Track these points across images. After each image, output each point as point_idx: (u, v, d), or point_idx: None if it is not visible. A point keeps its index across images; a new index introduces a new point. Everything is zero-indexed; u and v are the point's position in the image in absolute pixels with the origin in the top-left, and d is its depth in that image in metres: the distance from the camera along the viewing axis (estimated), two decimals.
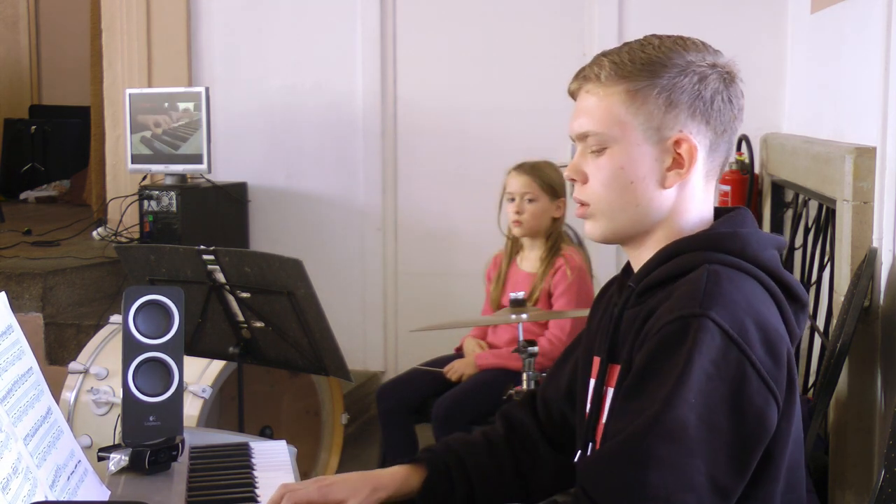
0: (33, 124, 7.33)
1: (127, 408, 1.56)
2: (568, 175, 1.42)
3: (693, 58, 1.36)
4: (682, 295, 1.27)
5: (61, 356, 3.94)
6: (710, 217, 1.41)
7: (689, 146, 1.35)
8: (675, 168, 1.36)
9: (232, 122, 4.58)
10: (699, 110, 1.35)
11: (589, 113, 1.38)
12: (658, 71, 1.34)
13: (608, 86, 1.36)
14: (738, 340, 1.23)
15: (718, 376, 1.21)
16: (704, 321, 1.22)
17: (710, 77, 1.36)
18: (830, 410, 2.69)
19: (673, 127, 1.35)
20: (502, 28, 4.34)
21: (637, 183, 1.36)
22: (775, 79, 4.04)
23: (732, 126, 1.40)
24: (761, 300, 1.29)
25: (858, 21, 2.85)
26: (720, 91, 1.37)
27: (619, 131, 1.36)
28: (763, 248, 1.35)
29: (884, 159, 2.51)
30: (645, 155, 1.35)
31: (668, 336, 1.24)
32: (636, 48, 1.37)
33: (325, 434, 3.49)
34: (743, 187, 3.91)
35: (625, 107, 1.35)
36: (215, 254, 2.63)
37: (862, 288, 2.48)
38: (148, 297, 1.57)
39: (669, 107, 1.34)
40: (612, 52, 1.39)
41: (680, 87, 1.34)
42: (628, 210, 1.37)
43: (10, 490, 1.19)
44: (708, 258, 1.31)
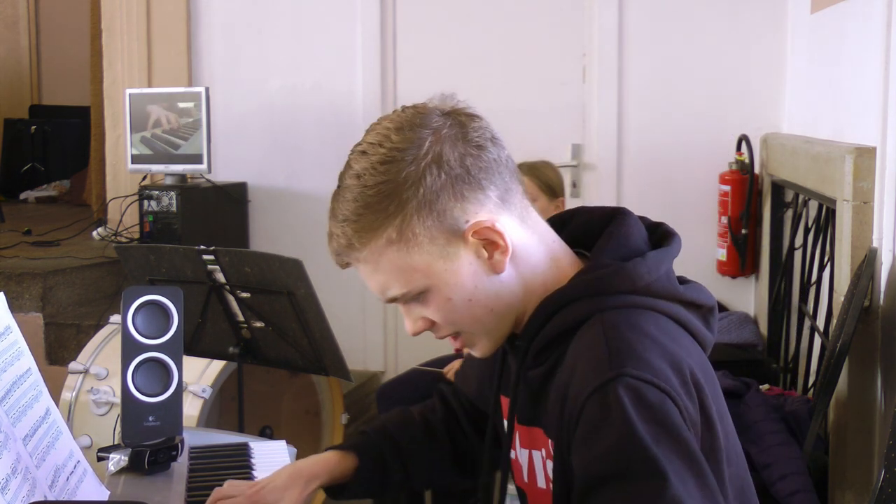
0: (33, 124, 7.33)
1: (126, 408, 1.56)
2: (414, 331, 1.29)
3: (414, 151, 1.18)
4: (587, 363, 1.14)
5: (61, 356, 3.94)
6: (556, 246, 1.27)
7: (486, 228, 1.20)
8: (493, 251, 1.21)
9: (232, 122, 4.58)
10: (464, 189, 1.19)
11: (377, 280, 1.24)
12: (398, 194, 1.17)
13: (369, 247, 1.20)
14: (665, 388, 1.10)
15: (664, 434, 1.08)
16: (623, 381, 1.09)
17: (443, 151, 1.18)
18: (830, 410, 2.69)
19: (458, 225, 1.19)
20: (502, 28, 4.34)
21: (474, 295, 1.22)
22: (775, 79, 4.05)
23: (500, 159, 1.22)
24: (665, 332, 1.18)
25: (858, 21, 2.85)
26: (464, 153, 1.19)
27: (420, 276, 1.21)
28: (655, 272, 1.22)
29: (884, 159, 2.51)
30: (460, 269, 1.21)
31: (593, 416, 1.10)
32: (356, 190, 1.19)
33: (325, 434, 3.49)
34: (743, 187, 3.91)
35: (403, 253, 1.20)
36: (215, 254, 2.63)
37: (862, 288, 2.48)
38: (147, 297, 1.57)
39: (440, 216, 1.18)
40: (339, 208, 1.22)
41: (429, 190, 1.17)
42: (488, 318, 1.24)
43: (9, 490, 1.19)
44: (598, 305, 1.19)
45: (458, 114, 1.23)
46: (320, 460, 1.50)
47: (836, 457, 2.67)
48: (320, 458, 1.51)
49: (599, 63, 4.22)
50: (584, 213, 1.34)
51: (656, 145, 4.21)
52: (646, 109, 4.21)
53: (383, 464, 1.51)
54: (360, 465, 1.50)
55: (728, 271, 4.08)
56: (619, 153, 4.24)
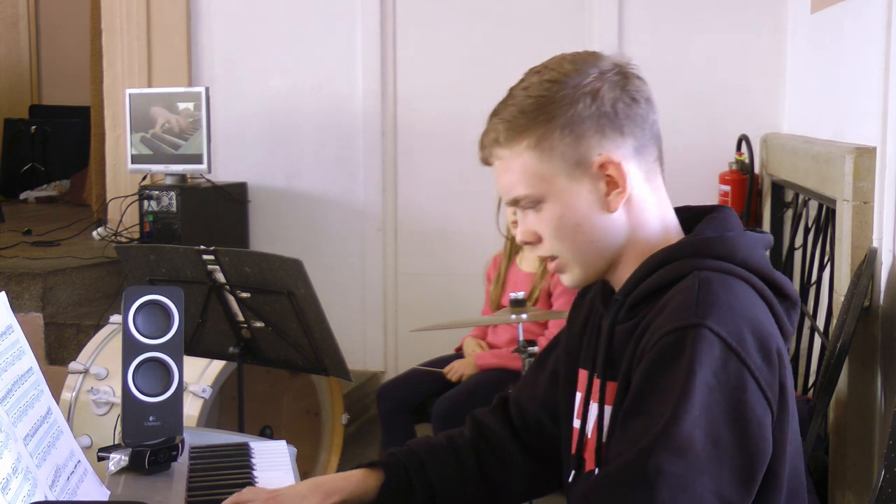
0: (33, 124, 7.34)
1: (127, 408, 1.56)
2: (522, 240, 1.39)
3: (578, 79, 1.32)
4: (676, 306, 1.24)
5: (61, 356, 3.94)
6: (670, 217, 1.38)
7: (614, 165, 1.32)
8: (612, 190, 1.33)
9: (232, 122, 4.58)
10: (607, 126, 1.32)
11: (508, 178, 1.37)
12: (550, 110, 1.32)
13: (511, 145, 1.35)
14: (737, 349, 1.20)
15: (719, 388, 1.18)
16: (702, 331, 1.19)
17: (601, 90, 1.32)
18: (830, 410, 2.69)
19: (590, 155, 1.32)
20: (502, 28, 4.34)
21: (583, 222, 1.33)
22: (775, 79, 4.05)
23: (648, 118, 1.36)
24: (754, 304, 1.27)
25: (858, 21, 2.85)
26: (618, 97, 1.33)
27: (544, 184, 1.33)
28: (752, 249, 1.32)
29: (884, 159, 2.51)
30: (577, 194, 1.33)
31: (666, 349, 1.21)
32: (521, 95, 1.35)
33: (325, 434, 3.49)
34: (743, 187, 3.91)
35: (536, 160, 1.33)
36: (215, 254, 2.63)
37: (862, 288, 2.48)
38: (148, 297, 1.57)
39: (577, 139, 1.31)
40: (501, 108, 1.37)
41: (578, 115, 1.31)
42: (588, 250, 1.35)
43: (9, 490, 1.19)
44: (697, 265, 1.28)
45: (626, 69, 1.36)
46: (345, 476, 1.50)
47: (836, 457, 2.67)
48: (345, 474, 1.50)
49: None
50: (688, 208, 1.44)
51: None
52: None
53: (408, 483, 1.50)
54: (384, 483, 1.49)
55: None
56: None
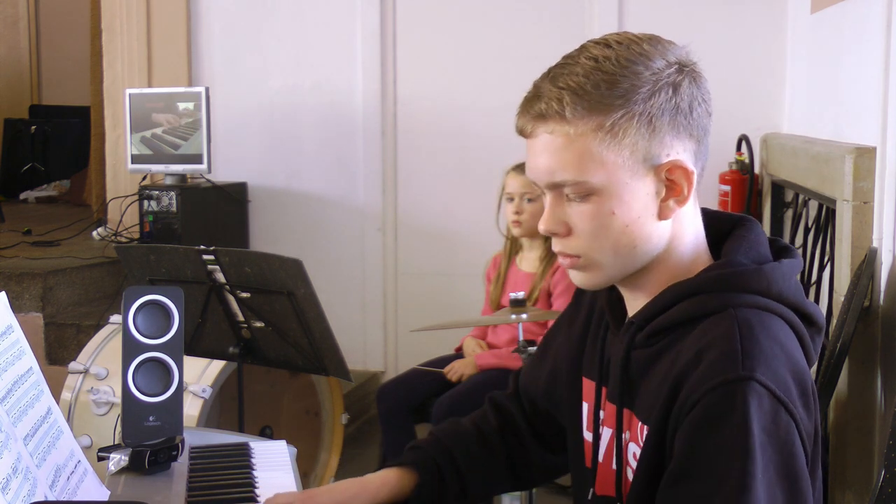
0: (33, 124, 7.34)
1: (127, 408, 1.56)
2: (547, 229, 1.23)
3: (658, 64, 1.18)
4: (718, 356, 1.13)
5: (61, 356, 3.94)
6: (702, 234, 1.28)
7: (683, 171, 1.20)
8: (671, 197, 1.21)
9: (232, 122, 4.58)
10: (681, 125, 1.19)
11: (559, 158, 1.18)
12: (630, 94, 1.16)
13: (576, 123, 1.17)
14: (784, 400, 1.12)
15: (770, 444, 1.11)
16: (752, 385, 1.10)
17: (682, 84, 1.19)
18: (830, 410, 2.69)
19: (660, 153, 1.18)
20: (502, 28, 4.34)
21: (632, 225, 1.20)
22: (775, 79, 4.05)
23: (709, 127, 1.24)
24: (790, 341, 1.19)
25: (858, 21, 2.85)
26: (695, 96, 1.21)
27: (604, 175, 1.17)
28: (786, 281, 1.22)
29: (884, 159, 2.51)
30: (637, 192, 1.19)
31: (715, 406, 1.11)
32: (591, 68, 1.17)
33: (325, 434, 3.49)
34: (743, 187, 3.91)
35: (604, 145, 1.17)
36: (215, 254, 2.63)
37: (862, 288, 2.48)
38: (148, 297, 1.57)
39: (653, 132, 1.17)
40: (562, 76, 1.19)
41: (658, 107, 1.17)
42: (626, 254, 1.22)
43: (9, 490, 1.19)
44: (731, 301, 1.18)
45: (694, 66, 1.24)
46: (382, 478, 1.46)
47: (836, 457, 2.67)
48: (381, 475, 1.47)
49: None
50: (709, 215, 1.33)
51: None
52: None
53: (441, 478, 1.48)
54: (420, 482, 1.46)
55: None
56: None
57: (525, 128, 1.23)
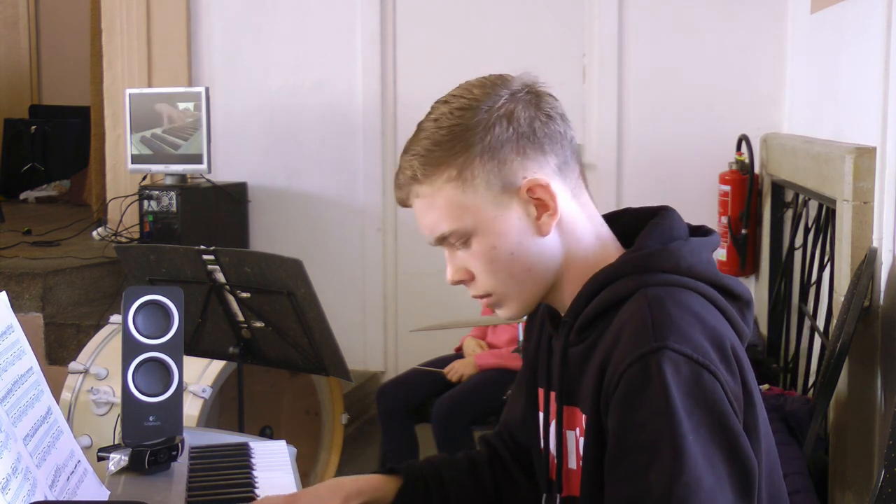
0: (33, 124, 7.33)
1: (127, 408, 1.56)
2: (453, 279, 1.33)
3: (490, 102, 1.27)
4: (632, 332, 1.19)
5: (61, 356, 3.94)
6: (604, 230, 1.34)
7: (541, 187, 1.27)
8: (542, 213, 1.27)
9: (232, 122, 4.58)
10: (527, 147, 1.27)
11: (432, 216, 1.29)
12: (467, 138, 1.26)
13: (430, 181, 1.28)
14: (704, 363, 1.16)
15: (698, 407, 1.14)
16: (665, 353, 1.15)
17: (515, 110, 1.27)
18: (830, 410, 2.70)
19: (515, 179, 1.26)
20: (502, 28, 4.34)
21: (516, 251, 1.28)
22: (775, 79, 4.05)
23: (566, 135, 1.31)
24: (706, 311, 1.23)
25: (858, 21, 2.85)
26: (534, 116, 1.28)
27: (470, 216, 1.27)
28: (696, 256, 1.28)
29: (884, 159, 2.51)
30: (508, 221, 1.27)
31: (634, 381, 1.16)
32: (432, 128, 1.29)
33: (325, 434, 3.49)
34: (743, 187, 3.91)
35: (460, 191, 1.26)
36: (215, 254, 2.63)
37: (862, 288, 2.48)
38: (148, 297, 1.57)
39: (500, 164, 1.26)
40: (412, 144, 1.32)
41: (496, 140, 1.26)
42: (525, 278, 1.30)
43: (9, 490, 1.19)
44: (642, 281, 1.24)
45: (536, 87, 1.32)
46: (367, 480, 1.48)
47: (836, 457, 2.67)
48: (366, 477, 1.49)
49: (599, 63, 4.22)
50: (630, 212, 1.40)
51: (656, 145, 4.21)
52: (646, 109, 4.21)
53: (426, 490, 1.49)
54: (403, 486, 1.48)
55: (728, 271, 4.07)
56: (619, 153, 4.24)
57: (400, 199, 1.34)
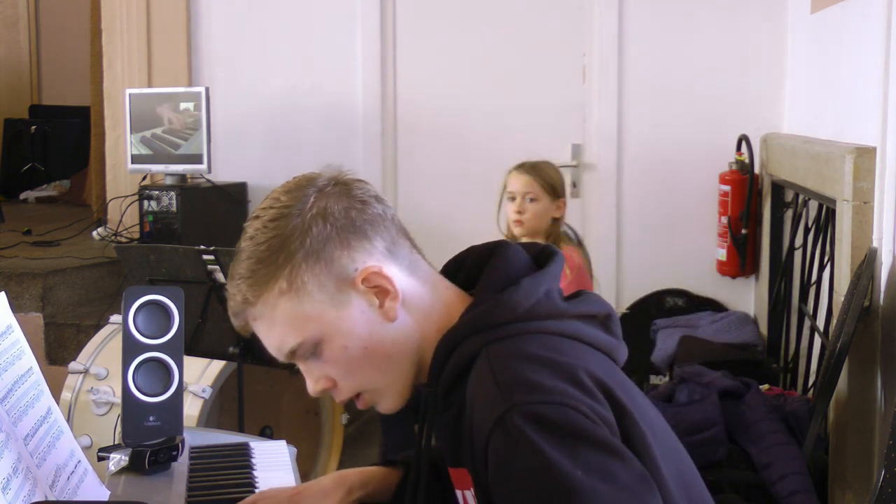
0: (33, 124, 7.33)
1: (127, 408, 1.56)
2: (315, 391, 1.27)
3: (300, 206, 1.23)
4: (482, 400, 1.14)
5: (61, 356, 3.94)
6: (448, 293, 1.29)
7: (375, 273, 1.22)
8: (384, 299, 1.23)
9: (232, 122, 4.58)
10: (350, 237, 1.23)
11: (275, 335, 1.24)
12: (287, 246, 1.22)
13: (263, 300, 1.23)
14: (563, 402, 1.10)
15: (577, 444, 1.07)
16: (517, 411, 1.09)
17: (327, 206, 1.23)
18: (830, 410, 2.70)
19: (347, 273, 1.22)
20: (502, 28, 4.34)
21: (370, 344, 1.23)
22: (775, 79, 4.05)
23: (386, 215, 1.27)
24: (553, 349, 1.18)
25: (858, 21, 2.85)
26: (348, 206, 1.24)
27: (313, 324, 1.22)
28: (534, 296, 1.23)
29: (884, 159, 2.51)
30: (351, 317, 1.23)
31: (499, 450, 1.10)
32: (250, 248, 1.24)
33: (325, 434, 3.49)
34: (743, 187, 3.91)
35: (295, 301, 1.22)
36: (215, 254, 2.63)
37: (862, 288, 2.48)
38: (148, 297, 1.57)
39: (328, 262, 1.22)
40: (234, 269, 1.27)
41: (316, 240, 1.21)
42: (388, 369, 1.25)
43: (10, 490, 1.19)
44: (483, 340, 1.20)
45: (342, 177, 1.28)
46: (369, 471, 1.48)
47: (836, 457, 2.67)
48: (368, 469, 1.49)
49: (599, 63, 4.22)
50: (473, 253, 1.35)
51: (656, 145, 4.21)
52: (646, 109, 4.21)
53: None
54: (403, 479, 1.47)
55: (728, 271, 4.08)
56: (619, 153, 4.24)
57: (240, 327, 1.28)
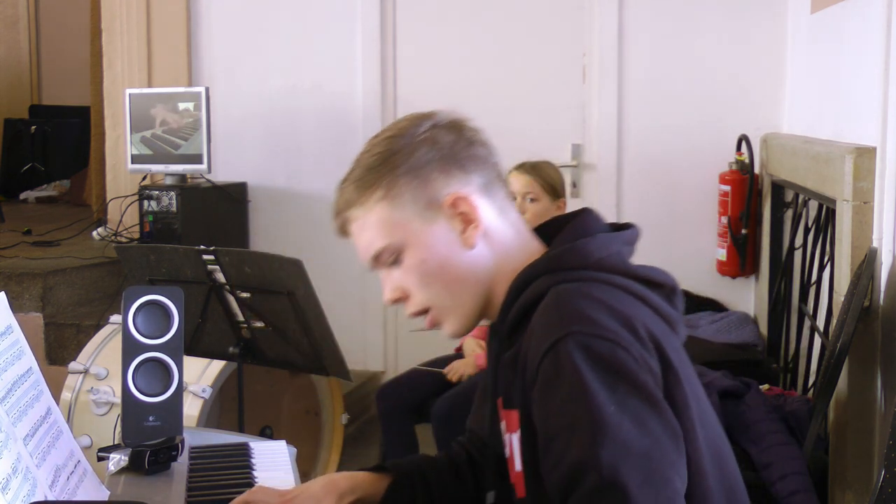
0: (33, 124, 7.33)
1: (127, 408, 1.56)
2: (389, 298, 1.39)
3: (414, 131, 1.38)
4: (541, 327, 1.25)
5: (61, 356, 3.94)
6: (533, 244, 1.40)
7: (464, 200, 1.35)
8: (467, 226, 1.35)
9: (232, 122, 4.58)
10: (450, 166, 1.37)
11: (365, 237, 1.38)
12: (393, 161, 1.36)
13: (362, 203, 1.37)
14: (614, 339, 1.20)
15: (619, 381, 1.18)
16: (572, 338, 1.20)
17: (438, 135, 1.38)
18: (830, 410, 2.70)
19: (439, 195, 1.35)
20: (502, 28, 4.34)
21: (446, 263, 1.36)
22: (775, 79, 4.05)
23: (489, 160, 1.41)
24: (617, 300, 1.27)
25: (858, 21, 2.85)
26: (455, 140, 1.38)
27: (400, 232, 1.36)
28: (605, 249, 1.33)
29: (884, 159, 2.51)
30: (434, 234, 1.36)
31: (547, 371, 1.21)
32: (364, 157, 1.40)
33: (325, 434, 3.49)
34: (743, 187, 3.91)
35: (388, 209, 1.36)
36: (215, 254, 2.63)
37: (862, 288, 2.48)
38: (148, 297, 1.57)
39: (424, 182, 1.35)
40: (346, 176, 1.41)
41: (419, 160, 1.36)
42: (459, 290, 1.37)
43: (9, 490, 1.19)
44: (554, 280, 1.30)
45: (458, 118, 1.42)
46: (357, 476, 1.50)
47: (836, 457, 2.67)
48: (358, 474, 1.50)
49: (599, 63, 4.22)
50: (557, 220, 1.46)
51: (656, 145, 4.21)
52: (646, 109, 4.21)
53: (412, 489, 1.51)
54: (391, 485, 1.49)
55: (728, 271, 4.08)
56: (619, 153, 4.24)
57: (338, 227, 1.42)
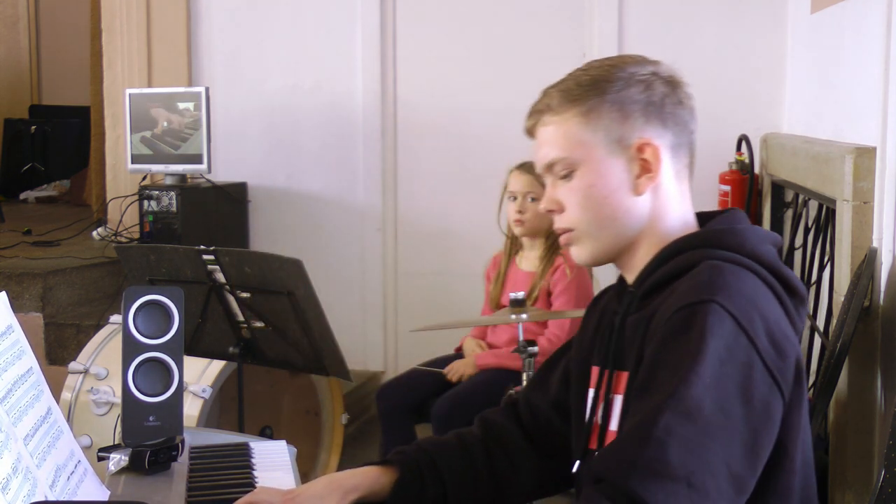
0: (33, 124, 7.33)
1: (127, 408, 1.56)
2: (545, 207, 1.44)
3: (634, 69, 1.40)
4: (686, 288, 1.27)
5: (61, 356, 3.94)
6: (691, 218, 1.43)
7: (652, 149, 1.38)
8: (643, 174, 1.38)
9: (232, 122, 4.58)
10: (653, 114, 1.39)
11: (549, 142, 1.42)
12: (604, 87, 1.39)
13: (561, 112, 1.40)
14: (746, 328, 1.23)
15: (730, 361, 1.21)
16: (713, 306, 1.23)
17: (654, 83, 1.40)
18: (830, 410, 2.69)
19: (632, 135, 1.38)
20: (502, 28, 4.34)
21: (610, 196, 1.38)
22: (775, 79, 4.05)
23: (689, 126, 1.43)
24: (763, 296, 1.29)
25: (858, 21, 2.85)
26: (668, 94, 1.40)
27: (583, 151, 1.39)
28: (760, 243, 1.36)
29: (884, 159, 2.51)
30: (612, 167, 1.38)
31: (676, 325, 1.24)
32: (579, 73, 1.43)
33: (325, 434, 3.49)
34: (743, 187, 3.91)
35: (582, 127, 1.39)
36: (215, 254, 2.63)
37: (862, 288, 2.48)
38: (148, 297, 1.57)
39: (624, 117, 1.38)
40: (559, 82, 1.44)
41: (629, 97, 1.38)
42: (608, 225, 1.39)
43: (9, 490, 1.19)
44: (708, 255, 1.32)
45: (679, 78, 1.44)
46: (363, 473, 1.49)
47: (836, 457, 2.67)
48: (362, 470, 1.49)
49: None
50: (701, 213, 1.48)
51: None
52: None
53: (421, 478, 1.50)
54: (399, 479, 1.48)
55: None
56: None
57: (528, 126, 1.46)
